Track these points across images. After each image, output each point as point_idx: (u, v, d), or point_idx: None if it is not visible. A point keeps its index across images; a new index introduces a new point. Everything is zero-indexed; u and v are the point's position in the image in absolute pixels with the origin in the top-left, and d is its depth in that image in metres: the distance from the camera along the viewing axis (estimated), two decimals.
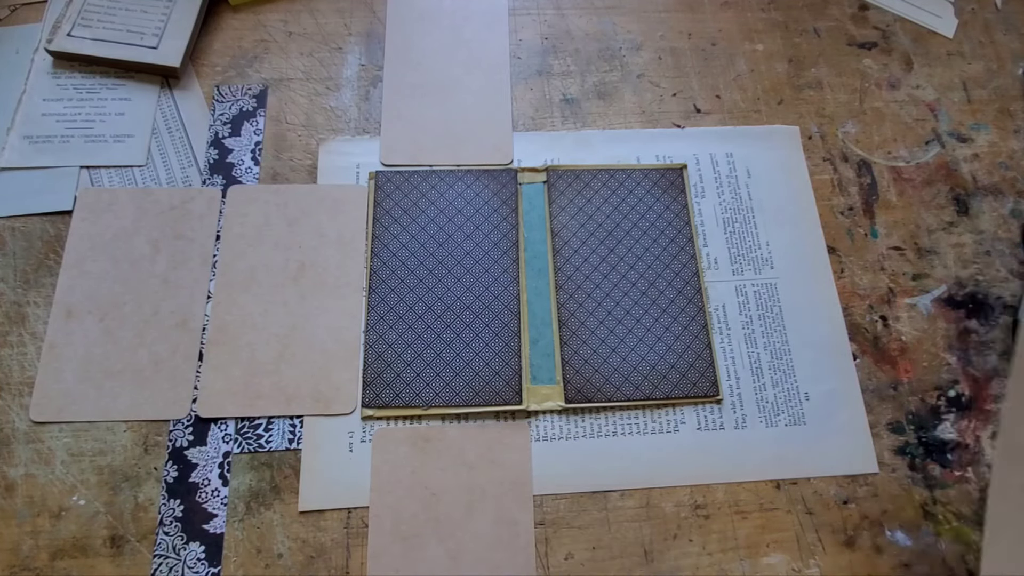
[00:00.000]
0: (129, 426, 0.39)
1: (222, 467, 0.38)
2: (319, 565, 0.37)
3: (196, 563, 0.36)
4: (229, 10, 0.51)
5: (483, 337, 0.41)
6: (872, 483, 0.40)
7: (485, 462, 0.39)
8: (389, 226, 0.44)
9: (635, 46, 0.51)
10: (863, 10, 0.54)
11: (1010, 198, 0.47)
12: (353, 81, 0.49)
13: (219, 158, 0.46)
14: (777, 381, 0.42)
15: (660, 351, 0.42)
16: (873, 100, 0.50)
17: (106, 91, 0.47)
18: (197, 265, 0.43)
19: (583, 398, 0.40)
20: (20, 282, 0.42)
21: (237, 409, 0.39)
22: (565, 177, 0.46)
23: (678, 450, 0.40)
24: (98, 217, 0.43)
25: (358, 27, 0.51)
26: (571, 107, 0.49)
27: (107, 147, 0.46)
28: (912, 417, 0.41)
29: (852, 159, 0.48)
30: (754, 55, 0.51)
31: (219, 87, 0.48)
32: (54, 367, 0.40)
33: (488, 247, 0.44)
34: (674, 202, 0.46)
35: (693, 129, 0.48)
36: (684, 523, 0.38)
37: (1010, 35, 0.53)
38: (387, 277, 0.43)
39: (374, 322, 0.42)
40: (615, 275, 0.43)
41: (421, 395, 0.40)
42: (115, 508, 0.37)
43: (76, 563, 0.36)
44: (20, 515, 0.37)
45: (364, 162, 0.46)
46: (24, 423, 0.39)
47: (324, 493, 0.38)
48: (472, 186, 0.45)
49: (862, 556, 0.38)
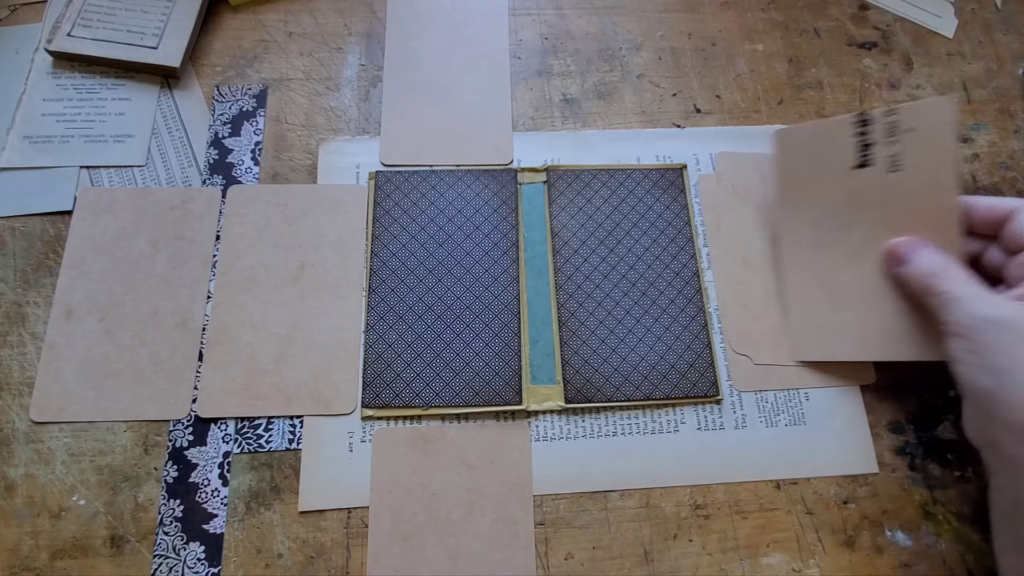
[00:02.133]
0: (129, 426, 0.39)
1: (222, 467, 0.38)
2: (319, 565, 0.37)
3: (196, 563, 0.36)
4: (229, 10, 0.51)
5: (483, 337, 0.41)
6: (872, 483, 0.40)
7: (485, 462, 0.39)
8: (389, 226, 0.44)
9: (635, 46, 0.51)
10: (863, 10, 0.54)
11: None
12: (353, 81, 0.49)
13: (219, 158, 0.46)
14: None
15: (660, 351, 0.42)
16: (873, 100, 0.50)
17: (106, 91, 0.47)
18: (197, 265, 0.43)
19: (583, 398, 0.40)
20: (20, 282, 0.42)
21: (237, 409, 0.39)
22: (565, 177, 0.46)
23: (678, 450, 0.40)
24: (98, 217, 0.43)
25: (358, 27, 0.51)
26: (571, 107, 0.49)
27: (107, 147, 0.46)
28: (912, 417, 0.41)
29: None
30: (754, 55, 0.51)
31: (219, 87, 0.48)
32: (54, 367, 0.40)
33: (488, 247, 0.44)
34: (674, 202, 0.46)
35: (693, 129, 0.48)
36: (684, 523, 0.38)
37: (1010, 35, 0.53)
38: (387, 277, 0.43)
39: (374, 322, 0.42)
40: (615, 275, 0.43)
41: (421, 395, 0.40)
42: (115, 508, 0.37)
43: (76, 563, 0.36)
44: (20, 515, 0.37)
45: (364, 162, 0.46)
46: (24, 423, 0.39)
47: (324, 493, 0.38)
48: (472, 186, 0.45)
49: (862, 556, 0.38)
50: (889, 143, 0.37)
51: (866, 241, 0.39)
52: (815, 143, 0.39)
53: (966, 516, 0.39)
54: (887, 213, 0.38)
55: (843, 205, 0.39)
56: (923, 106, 0.36)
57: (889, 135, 0.37)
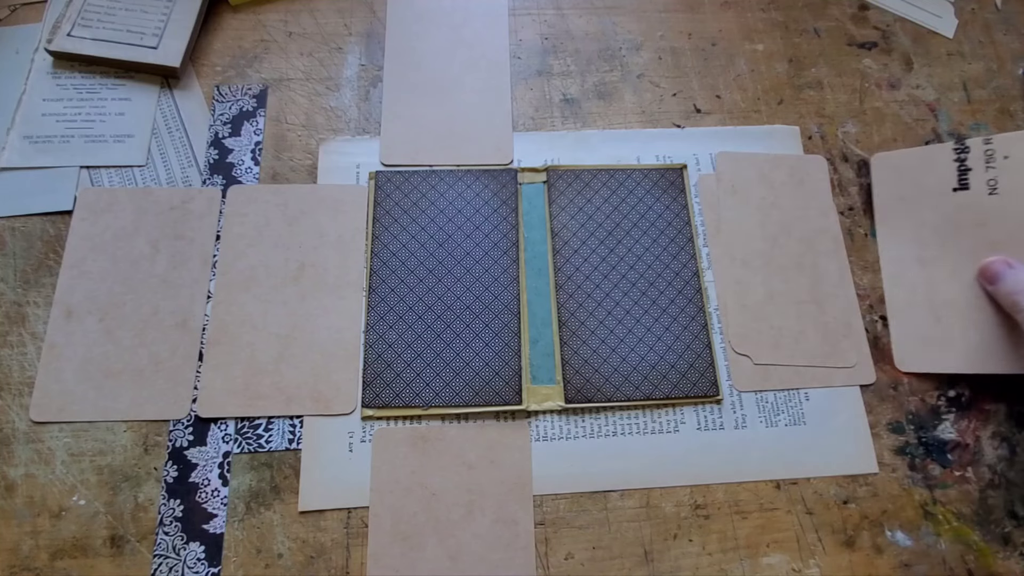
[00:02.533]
0: (129, 426, 0.39)
1: (222, 467, 0.38)
2: (319, 565, 0.37)
3: (196, 563, 0.36)
4: (229, 10, 0.51)
5: (483, 337, 0.41)
6: (872, 483, 0.40)
7: (485, 462, 0.39)
8: (389, 226, 0.44)
9: (635, 46, 0.51)
10: (863, 10, 0.54)
11: None
12: (353, 81, 0.49)
13: (219, 158, 0.46)
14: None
15: (660, 351, 0.42)
16: (873, 100, 0.50)
17: (106, 91, 0.47)
18: (197, 265, 0.43)
19: (583, 398, 0.40)
20: (20, 282, 0.42)
21: (237, 409, 0.39)
22: (565, 177, 0.46)
23: (678, 450, 0.40)
24: (98, 217, 0.43)
25: (358, 27, 0.51)
26: (571, 107, 0.49)
27: (107, 147, 0.46)
28: (912, 417, 0.41)
29: (852, 159, 0.48)
30: (754, 55, 0.51)
31: (219, 87, 0.48)
32: (54, 367, 0.40)
33: (488, 247, 0.44)
34: (674, 202, 0.46)
35: (693, 129, 0.48)
36: (684, 523, 0.38)
37: (1010, 35, 0.53)
38: (387, 277, 0.43)
39: (374, 322, 0.42)
40: (615, 275, 0.43)
41: (421, 395, 0.40)
42: (115, 508, 0.37)
43: (76, 563, 0.36)
44: (20, 515, 0.37)
45: (364, 162, 0.46)
46: (24, 423, 0.39)
47: (324, 493, 0.38)
48: (472, 186, 0.45)
49: (862, 556, 0.38)
50: (986, 168, 0.42)
51: (967, 259, 0.42)
52: (915, 167, 0.44)
53: (966, 516, 0.39)
54: (986, 232, 0.41)
55: (944, 224, 0.42)
56: (1016, 137, 0.42)
57: (986, 162, 0.42)
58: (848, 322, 0.43)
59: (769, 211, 0.46)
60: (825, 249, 0.45)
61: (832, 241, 0.45)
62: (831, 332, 0.42)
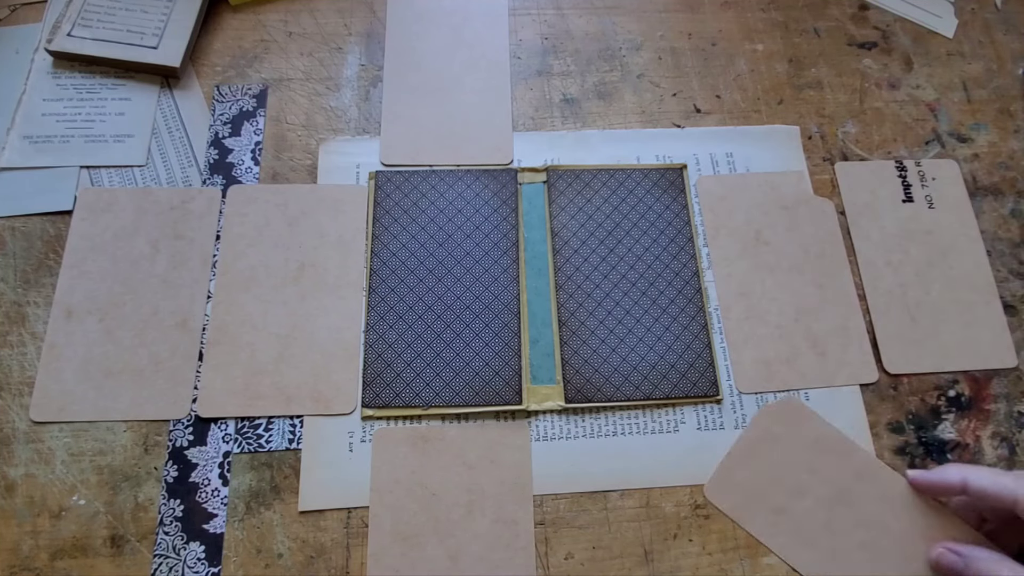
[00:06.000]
0: (129, 426, 0.39)
1: (222, 467, 0.38)
2: (319, 565, 0.37)
3: (196, 563, 0.36)
4: (229, 10, 0.51)
5: (483, 337, 0.41)
6: None
7: (485, 462, 0.39)
8: (389, 226, 0.44)
9: (635, 46, 0.51)
10: (863, 10, 0.54)
11: (1010, 198, 0.47)
12: (353, 81, 0.49)
13: (219, 158, 0.46)
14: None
15: (660, 351, 0.42)
16: (873, 100, 0.50)
17: (106, 91, 0.47)
18: (197, 265, 0.43)
19: (583, 398, 0.40)
20: (20, 282, 0.42)
21: (237, 409, 0.39)
22: (565, 177, 0.46)
23: (678, 450, 0.40)
24: (98, 217, 0.43)
25: (358, 27, 0.51)
26: (571, 107, 0.49)
27: (107, 147, 0.46)
28: (912, 417, 0.41)
29: (852, 159, 0.48)
30: (754, 55, 0.51)
31: (219, 87, 0.48)
32: (54, 367, 0.40)
33: (488, 247, 0.44)
34: (674, 202, 0.46)
35: (693, 129, 0.48)
36: (684, 523, 0.38)
37: (1010, 35, 0.53)
38: (387, 277, 0.43)
39: (374, 322, 0.42)
40: (615, 275, 0.43)
41: (421, 395, 0.40)
42: (115, 508, 0.37)
43: (76, 563, 0.36)
44: (20, 515, 0.37)
45: (364, 162, 0.46)
46: (24, 423, 0.39)
47: (324, 493, 0.38)
48: (472, 186, 0.45)
49: None
50: (922, 186, 0.46)
51: (924, 262, 0.45)
52: (871, 179, 0.47)
53: None
54: (933, 239, 0.45)
55: (900, 231, 0.45)
56: (940, 164, 0.47)
57: (921, 180, 0.47)
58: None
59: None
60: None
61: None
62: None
